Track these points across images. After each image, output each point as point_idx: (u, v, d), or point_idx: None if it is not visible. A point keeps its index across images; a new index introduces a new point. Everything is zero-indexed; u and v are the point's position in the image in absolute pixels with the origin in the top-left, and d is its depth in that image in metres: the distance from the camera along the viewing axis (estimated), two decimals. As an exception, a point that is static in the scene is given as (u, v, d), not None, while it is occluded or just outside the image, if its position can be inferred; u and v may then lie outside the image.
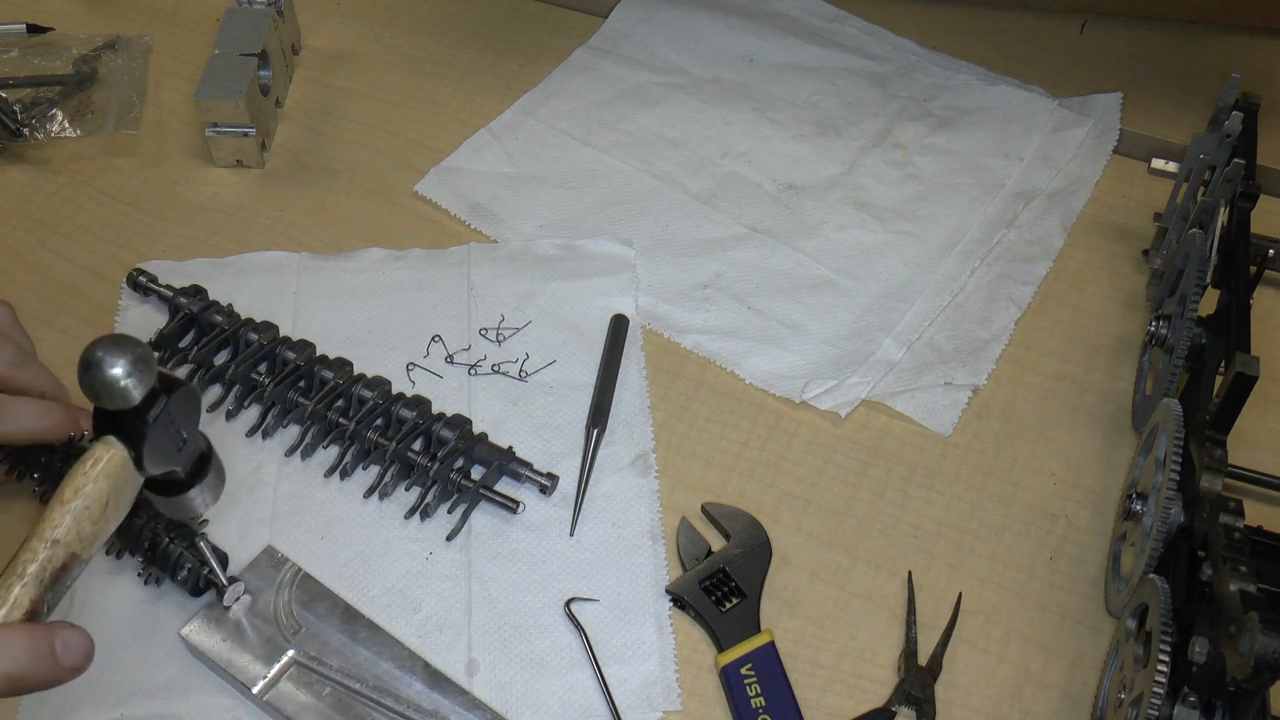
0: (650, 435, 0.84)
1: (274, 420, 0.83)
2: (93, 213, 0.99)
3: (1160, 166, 1.05)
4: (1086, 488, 0.83)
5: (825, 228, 0.99)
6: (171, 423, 0.63)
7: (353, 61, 1.14)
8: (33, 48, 1.11)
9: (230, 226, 0.98)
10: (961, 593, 0.77)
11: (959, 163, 1.04)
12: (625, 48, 1.15)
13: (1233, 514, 0.66)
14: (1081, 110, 1.08)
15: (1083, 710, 0.72)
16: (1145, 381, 0.87)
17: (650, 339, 0.91)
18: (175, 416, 0.63)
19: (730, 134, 1.07)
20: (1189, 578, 0.67)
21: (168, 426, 0.63)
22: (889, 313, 0.92)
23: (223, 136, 1.00)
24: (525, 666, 0.72)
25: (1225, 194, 0.82)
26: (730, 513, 0.80)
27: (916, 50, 1.15)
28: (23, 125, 1.03)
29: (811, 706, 0.72)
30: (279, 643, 0.71)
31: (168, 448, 0.64)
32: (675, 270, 0.95)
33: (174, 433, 0.64)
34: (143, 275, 0.90)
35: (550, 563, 0.77)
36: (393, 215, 0.99)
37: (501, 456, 0.80)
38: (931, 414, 0.86)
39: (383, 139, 1.06)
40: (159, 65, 1.13)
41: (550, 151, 1.05)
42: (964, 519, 0.81)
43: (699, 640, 0.75)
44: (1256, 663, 0.55)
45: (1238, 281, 0.81)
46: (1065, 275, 0.96)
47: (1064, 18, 1.18)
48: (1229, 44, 1.16)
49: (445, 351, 0.89)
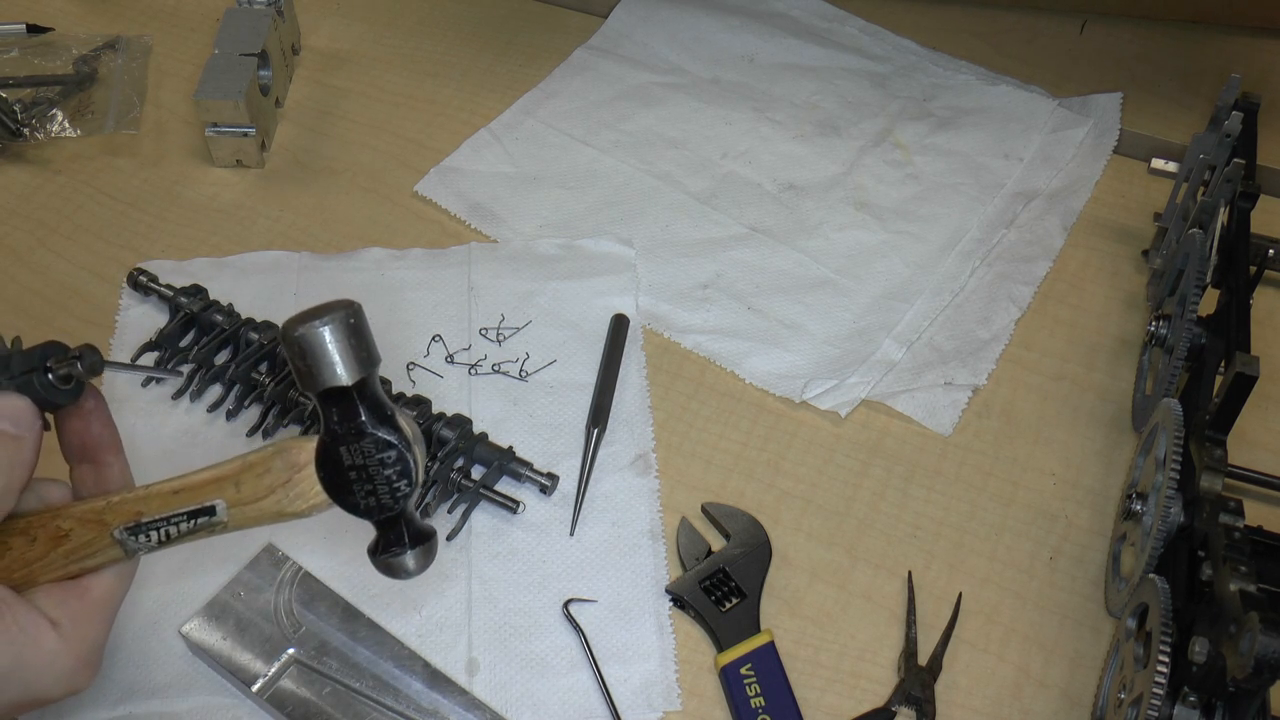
0: (650, 435, 0.84)
1: (274, 420, 0.83)
2: (93, 213, 0.99)
3: (1160, 166, 1.05)
4: (1086, 488, 0.83)
5: (825, 228, 0.99)
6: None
7: (353, 61, 1.14)
8: (33, 48, 1.11)
9: (230, 226, 0.98)
10: (961, 593, 0.77)
11: (959, 163, 1.04)
12: (625, 48, 1.15)
13: (1233, 514, 0.66)
14: (1081, 110, 1.08)
15: (1083, 710, 0.72)
16: (1145, 381, 0.87)
17: (650, 339, 0.91)
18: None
19: (730, 134, 1.07)
20: (1189, 578, 0.67)
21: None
22: (889, 313, 0.92)
23: (223, 136, 1.00)
24: (525, 666, 0.72)
25: (1225, 194, 0.82)
26: (730, 513, 0.80)
27: (916, 50, 1.15)
28: (23, 125, 1.03)
29: (811, 706, 0.72)
30: (279, 641, 0.71)
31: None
32: (675, 270, 0.95)
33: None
34: (143, 275, 0.90)
35: (550, 562, 0.77)
36: (393, 215, 0.99)
37: (502, 456, 0.80)
38: (931, 414, 0.86)
39: (383, 139, 1.06)
40: (159, 65, 1.13)
41: (550, 151, 1.05)
42: (964, 519, 0.81)
43: (699, 640, 0.75)
44: (1256, 663, 0.55)
45: (1238, 281, 0.81)
46: (1065, 275, 0.96)
47: (1064, 18, 1.18)
48: (1229, 44, 1.16)
49: (445, 351, 0.89)
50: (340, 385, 0.50)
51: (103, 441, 0.59)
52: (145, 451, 0.82)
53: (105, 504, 0.56)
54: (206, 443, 0.83)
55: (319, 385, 0.50)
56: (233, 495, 0.54)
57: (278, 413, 0.83)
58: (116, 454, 0.60)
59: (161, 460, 0.82)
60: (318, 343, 0.49)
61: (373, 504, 0.52)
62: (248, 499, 0.53)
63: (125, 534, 0.55)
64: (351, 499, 0.52)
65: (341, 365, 0.50)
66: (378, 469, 0.52)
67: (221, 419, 0.84)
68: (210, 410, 0.84)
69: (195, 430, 0.83)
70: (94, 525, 0.55)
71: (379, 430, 0.51)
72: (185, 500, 0.54)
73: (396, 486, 0.52)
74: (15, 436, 0.54)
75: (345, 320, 0.50)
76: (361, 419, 0.51)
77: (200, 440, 0.83)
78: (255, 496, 0.53)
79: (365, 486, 0.52)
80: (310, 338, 0.49)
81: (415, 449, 0.52)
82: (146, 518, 0.55)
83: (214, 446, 0.82)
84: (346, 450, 0.51)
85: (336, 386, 0.50)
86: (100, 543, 0.56)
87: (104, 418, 0.60)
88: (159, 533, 0.55)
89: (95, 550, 0.56)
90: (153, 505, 0.55)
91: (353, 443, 0.51)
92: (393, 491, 0.52)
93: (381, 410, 0.51)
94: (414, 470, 0.52)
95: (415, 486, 0.53)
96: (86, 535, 0.56)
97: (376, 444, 0.51)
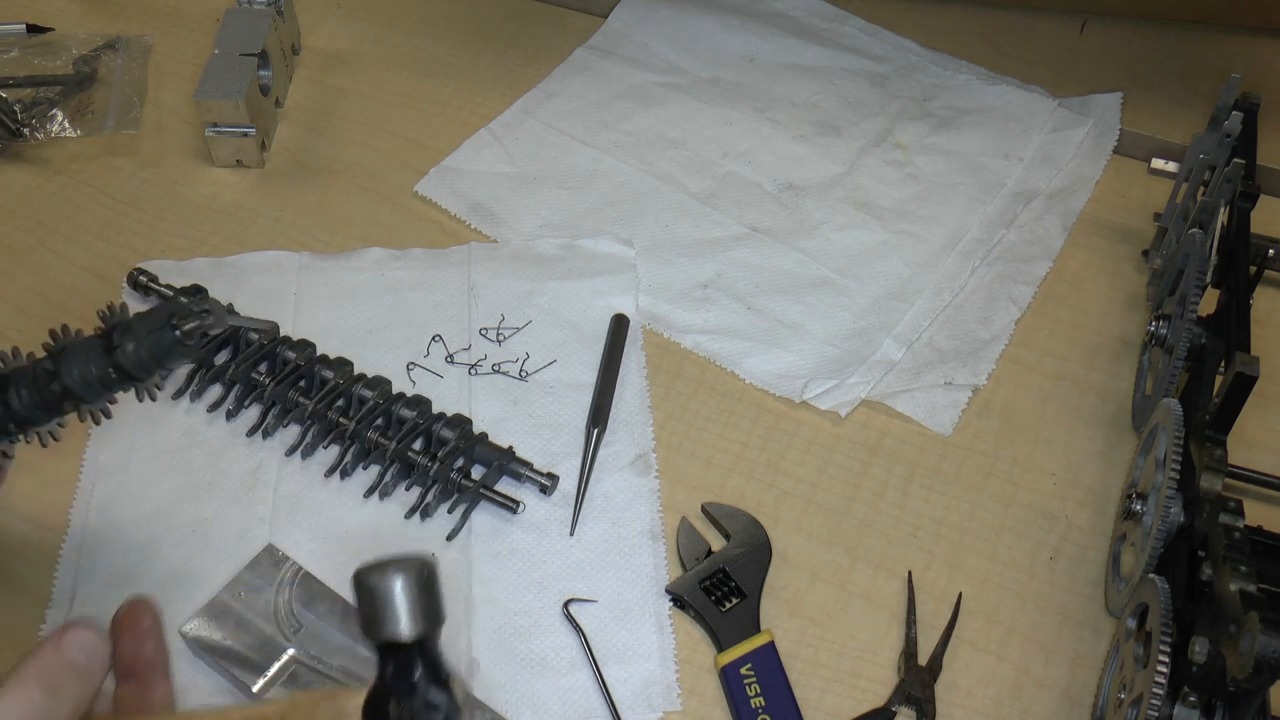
0: (650, 435, 0.84)
1: (274, 420, 0.83)
2: (93, 213, 0.99)
3: (1160, 166, 1.05)
4: (1086, 488, 0.83)
5: (825, 228, 0.99)
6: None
7: (353, 61, 1.14)
8: (33, 48, 1.11)
9: (230, 226, 0.98)
10: (961, 593, 0.77)
11: (959, 163, 1.04)
12: (625, 48, 1.15)
13: (1233, 514, 0.66)
14: (1081, 110, 1.08)
15: (1083, 710, 0.72)
16: (1145, 381, 0.87)
17: (650, 339, 0.91)
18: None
19: (730, 134, 1.07)
20: (1189, 578, 0.67)
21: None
22: (889, 313, 0.92)
23: (223, 136, 1.00)
24: (525, 666, 0.72)
25: (1225, 194, 0.82)
26: (730, 513, 0.80)
27: (916, 50, 1.15)
28: (23, 125, 1.03)
29: (811, 706, 0.72)
30: (279, 642, 0.71)
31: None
32: (675, 270, 0.95)
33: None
34: (143, 275, 0.90)
35: (550, 562, 0.77)
36: (393, 215, 0.99)
37: (502, 456, 0.80)
38: (931, 414, 0.86)
39: (383, 139, 1.06)
40: (159, 65, 1.13)
41: (550, 151, 1.05)
42: (964, 519, 0.81)
43: (699, 640, 0.75)
44: (1256, 663, 0.55)
45: (1238, 281, 0.81)
46: (1065, 275, 0.96)
47: (1064, 18, 1.18)
48: (1229, 44, 1.16)
49: (445, 351, 0.89)
50: (401, 641, 0.48)
51: (153, 664, 0.58)
52: (145, 452, 0.82)
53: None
54: (206, 443, 0.83)
55: (380, 636, 0.49)
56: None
57: (278, 413, 0.83)
58: (164, 677, 0.58)
59: (161, 460, 0.82)
60: (387, 593, 0.48)
61: None
62: None
63: None
64: None
65: (406, 620, 0.48)
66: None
67: (221, 419, 0.84)
68: (210, 410, 0.84)
69: (195, 430, 0.83)
70: None
71: (430, 692, 0.49)
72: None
73: None
74: (86, 669, 0.52)
75: (420, 575, 0.49)
76: (415, 678, 0.49)
77: (200, 440, 0.83)
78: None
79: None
80: (381, 587, 0.48)
81: (461, 715, 0.50)
82: None
83: (214, 446, 0.82)
84: (395, 704, 0.50)
85: (397, 641, 0.48)
86: None
87: (158, 637, 0.58)
88: None
89: None
90: None
91: (404, 699, 0.50)
92: None
93: (438, 672, 0.50)
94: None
95: None
96: None
97: (426, 705, 0.50)
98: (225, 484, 0.81)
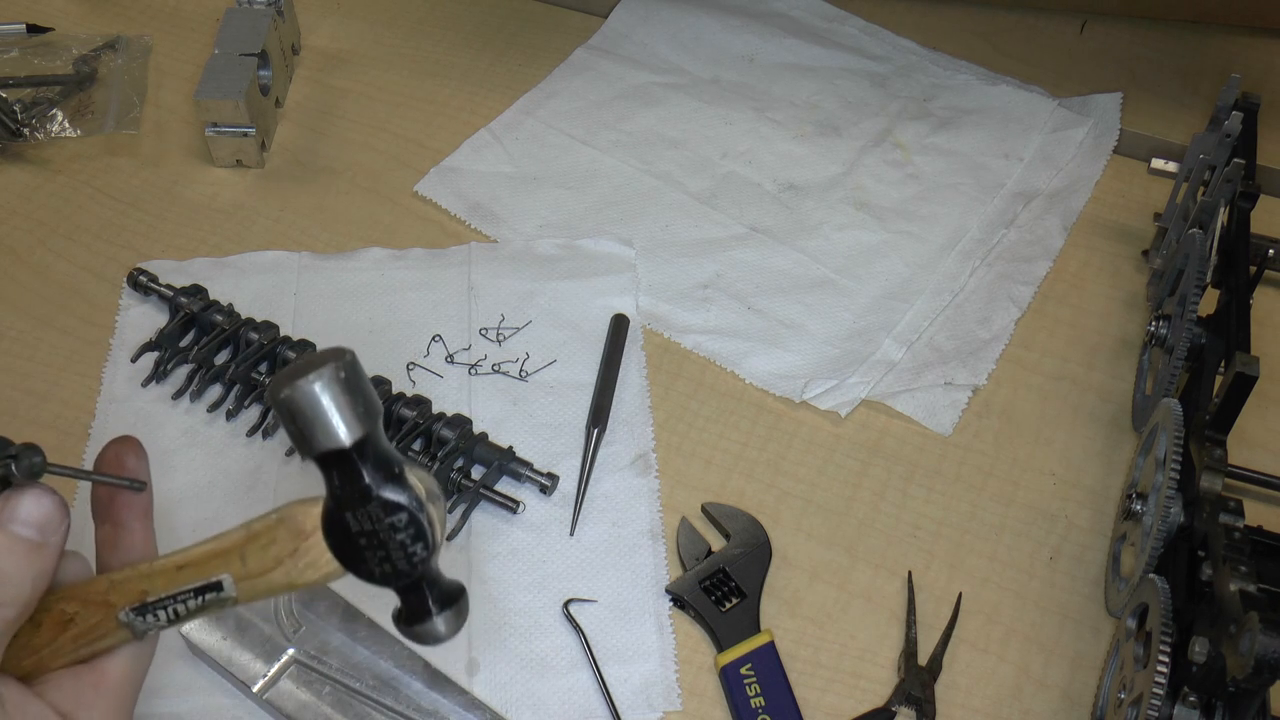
0: (650, 435, 0.84)
1: (274, 420, 0.83)
2: (93, 213, 0.99)
3: (1160, 166, 1.05)
4: (1086, 488, 0.83)
5: (825, 228, 0.99)
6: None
7: (353, 61, 1.14)
8: (33, 48, 1.11)
9: (230, 226, 0.98)
10: (961, 593, 0.77)
11: (959, 163, 1.04)
12: (625, 48, 1.15)
13: (1233, 514, 0.66)
14: (1081, 110, 1.08)
15: (1083, 710, 0.72)
16: (1145, 381, 0.87)
17: (650, 339, 0.91)
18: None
19: (730, 134, 1.07)
20: (1189, 578, 0.67)
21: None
22: (889, 313, 0.92)
23: (223, 136, 1.00)
24: (525, 666, 0.72)
25: (1225, 194, 0.82)
26: (730, 513, 0.80)
27: (916, 50, 1.15)
28: (23, 125, 1.03)
29: (811, 706, 0.72)
30: (279, 641, 0.71)
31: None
32: (675, 270, 0.95)
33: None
34: (143, 275, 0.90)
35: (550, 562, 0.77)
36: (393, 215, 0.99)
37: (501, 456, 0.80)
38: (931, 414, 0.86)
39: (383, 139, 1.06)
40: (159, 65, 1.13)
41: (550, 151, 1.05)
42: (964, 519, 0.81)
43: (699, 640, 0.75)
44: (1256, 663, 0.55)
45: (1238, 281, 0.81)
46: (1065, 275, 0.96)
47: (1064, 18, 1.18)
48: (1229, 44, 1.16)
49: (445, 351, 0.89)
50: (340, 448, 0.44)
51: (132, 505, 0.54)
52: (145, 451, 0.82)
53: (109, 584, 0.51)
54: (206, 443, 0.83)
55: (315, 449, 0.45)
56: (239, 569, 0.49)
57: (278, 412, 0.83)
58: (142, 518, 0.54)
59: (161, 460, 0.82)
60: (308, 403, 0.44)
61: (388, 570, 0.47)
62: (254, 572, 0.49)
63: (132, 615, 0.50)
64: (365, 567, 0.47)
65: (337, 425, 0.44)
66: (389, 534, 0.46)
67: (221, 419, 0.84)
68: (210, 410, 0.84)
69: (195, 430, 0.83)
70: (99, 607, 0.51)
71: (385, 491, 0.45)
72: (191, 576, 0.49)
73: (412, 551, 0.46)
74: (39, 545, 0.48)
75: (336, 374, 0.44)
76: (365, 481, 0.45)
77: (200, 440, 0.83)
78: (262, 569, 0.48)
79: (378, 553, 0.46)
80: (298, 399, 0.44)
81: (430, 507, 0.46)
82: (152, 597, 0.50)
83: (214, 446, 0.82)
84: (353, 516, 0.46)
85: (334, 449, 0.45)
86: (107, 625, 0.51)
87: (137, 457, 0.54)
88: (167, 612, 0.50)
89: (103, 634, 0.51)
90: (157, 583, 0.50)
91: (358, 508, 0.46)
92: (408, 557, 0.46)
93: (388, 467, 0.46)
94: (429, 532, 0.46)
95: (434, 549, 0.47)
96: (92, 618, 0.51)
97: (384, 507, 0.45)
98: (225, 484, 0.81)
